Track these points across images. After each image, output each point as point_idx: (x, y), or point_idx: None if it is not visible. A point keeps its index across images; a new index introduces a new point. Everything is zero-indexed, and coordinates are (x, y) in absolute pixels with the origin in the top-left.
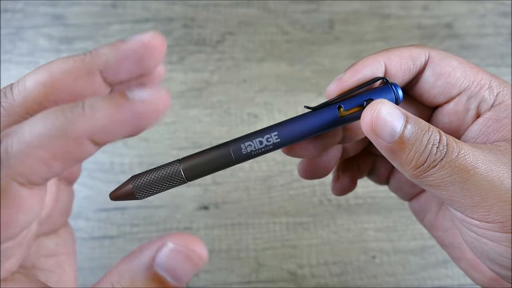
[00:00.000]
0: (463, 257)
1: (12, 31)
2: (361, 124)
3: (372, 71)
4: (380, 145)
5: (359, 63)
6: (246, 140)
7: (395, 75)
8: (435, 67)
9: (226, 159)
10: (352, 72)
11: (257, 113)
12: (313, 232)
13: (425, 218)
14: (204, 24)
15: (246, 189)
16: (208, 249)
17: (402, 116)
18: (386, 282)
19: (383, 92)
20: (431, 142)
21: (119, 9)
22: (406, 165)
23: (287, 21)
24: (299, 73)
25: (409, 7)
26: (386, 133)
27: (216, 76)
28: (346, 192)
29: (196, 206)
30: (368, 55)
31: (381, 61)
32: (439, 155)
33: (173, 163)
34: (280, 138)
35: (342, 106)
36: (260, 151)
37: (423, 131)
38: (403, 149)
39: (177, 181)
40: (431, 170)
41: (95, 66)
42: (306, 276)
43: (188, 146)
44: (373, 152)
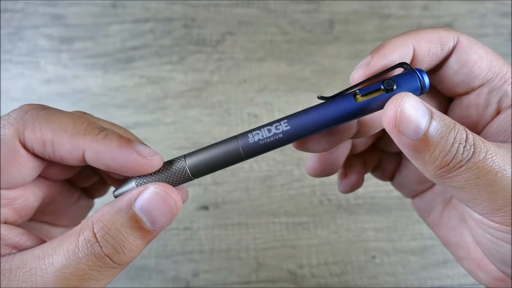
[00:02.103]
0: (468, 256)
1: (12, 31)
2: (382, 119)
3: (400, 56)
4: (403, 142)
5: (386, 47)
6: (253, 130)
7: (423, 60)
8: (462, 54)
9: (233, 151)
10: (380, 56)
11: (257, 113)
12: (313, 232)
13: (430, 216)
14: (204, 24)
15: (246, 189)
16: (208, 249)
17: (427, 112)
18: (386, 282)
19: (407, 79)
20: (457, 141)
21: (119, 9)
22: (430, 164)
23: (287, 21)
24: (299, 73)
25: (409, 7)
26: (410, 130)
27: (216, 76)
28: (354, 189)
29: (196, 206)
30: (395, 37)
31: (410, 45)
32: (466, 155)
33: (178, 159)
34: (290, 126)
35: (358, 93)
36: (269, 141)
37: (449, 129)
38: (428, 147)
39: (183, 179)
40: (456, 171)
41: None
42: (306, 276)
43: (188, 146)
44: (380, 148)
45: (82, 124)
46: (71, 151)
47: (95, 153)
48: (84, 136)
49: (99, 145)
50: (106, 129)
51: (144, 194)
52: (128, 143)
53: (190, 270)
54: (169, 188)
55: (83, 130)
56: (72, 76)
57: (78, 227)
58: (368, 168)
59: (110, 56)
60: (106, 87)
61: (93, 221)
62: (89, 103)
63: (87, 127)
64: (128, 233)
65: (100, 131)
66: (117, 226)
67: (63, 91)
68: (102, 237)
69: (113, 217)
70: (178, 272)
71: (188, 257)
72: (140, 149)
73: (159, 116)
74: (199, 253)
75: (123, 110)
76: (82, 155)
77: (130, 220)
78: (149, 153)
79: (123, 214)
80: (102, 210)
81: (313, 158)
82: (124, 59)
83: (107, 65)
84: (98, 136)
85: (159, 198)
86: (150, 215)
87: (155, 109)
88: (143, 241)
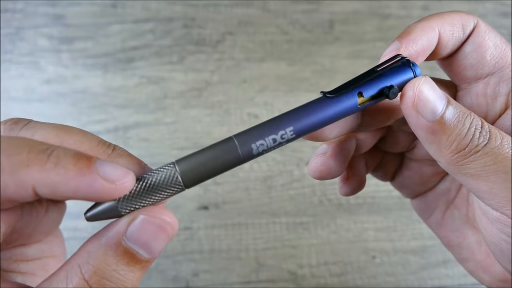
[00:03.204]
0: (472, 258)
1: (12, 31)
2: (401, 101)
3: (428, 40)
4: (420, 123)
5: (415, 31)
6: (256, 139)
7: (447, 44)
8: (477, 37)
9: (234, 159)
10: (410, 42)
11: (257, 113)
12: (313, 232)
13: (431, 217)
14: (204, 24)
15: (246, 189)
16: (208, 249)
17: (444, 97)
18: (386, 282)
19: (401, 72)
20: (473, 126)
21: (119, 9)
22: (446, 148)
23: (287, 21)
24: (299, 73)
25: (409, 7)
26: (428, 111)
27: (216, 76)
28: (356, 191)
29: (196, 206)
30: (420, 21)
31: (436, 28)
32: (482, 140)
33: (166, 168)
34: (295, 134)
35: (362, 94)
36: (271, 149)
37: (466, 114)
38: (444, 130)
39: (173, 190)
40: (472, 156)
41: None
42: (306, 276)
43: (188, 146)
44: (382, 148)
45: (21, 153)
46: (18, 191)
47: (49, 187)
48: (28, 168)
49: (51, 176)
50: (56, 151)
51: (135, 224)
52: (88, 167)
53: (190, 270)
54: (161, 211)
55: (25, 161)
56: (72, 76)
57: (61, 273)
58: (370, 168)
59: (110, 56)
60: (106, 87)
61: (80, 265)
62: (89, 103)
63: (29, 155)
64: (125, 270)
65: (48, 156)
66: (111, 266)
67: (63, 91)
68: (97, 284)
69: (104, 257)
70: (178, 272)
71: (188, 257)
72: (106, 171)
73: (159, 116)
74: (199, 253)
75: (123, 110)
76: (33, 191)
77: (124, 257)
78: (118, 176)
79: (115, 251)
80: (87, 250)
81: (317, 160)
82: (124, 59)
83: (107, 65)
84: (47, 165)
85: (153, 227)
86: (146, 246)
87: (155, 109)
88: (142, 272)
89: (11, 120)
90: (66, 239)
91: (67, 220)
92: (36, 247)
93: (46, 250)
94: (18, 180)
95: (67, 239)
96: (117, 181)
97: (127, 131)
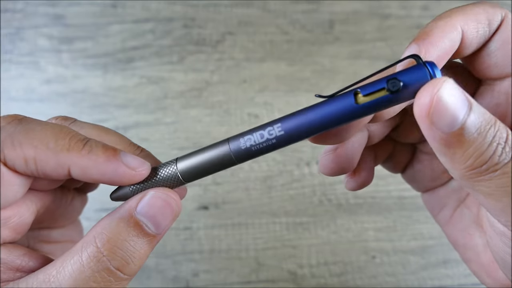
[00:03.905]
0: (476, 260)
1: (12, 31)
2: (414, 106)
3: (450, 41)
4: (433, 135)
5: (434, 33)
6: (245, 134)
7: (471, 43)
8: (504, 32)
9: (225, 156)
10: (430, 45)
11: (257, 113)
12: (313, 232)
13: (440, 213)
14: (204, 24)
15: (246, 189)
16: (208, 249)
17: (467, 102)
18: (386, 282)
19: (415, 74)
20: (496, 140)
21: (119, 9)
22: (460, 163)
23: (287, 21)
24: (299, 73)
25: (409, 7)
26: (445, 122)
27: (216, 76)
28: (363, 186)
29: (196, 206)
30: (440, 19)
31: (459, 27)
32: (503, 158)
33: (169, 164)
34: (284, 131)
35: (359, 92)
36: (262, 146)
37: (489, 125)
38: (461, 143)
39: (175, 183)
40: (489, 174)
41: None
42: (306, 276)
43: (188, 146)
44: (394, 138)
45: (64, 138)
46: (56, 168)
47: (81, 169)
48: (68, 152)
49: (84, 161)
50: (90, 141)
51: (144, 199)
52: (114, 156)
53: (190, 270)
54: (167, 190)
55: (67, 145)
56: (72, 76)
57: (78, 244)
58: (379, 160)
59: (110, 56)
60: (106, 87)
61: (95, 236)
62: (89, 103)
63: (70, 141)
64: (135, 241)
65: (83, 144)
66: (122, 236)
67: (63, 91)
68: (109, 251)
69: (117, 228)
70: (178, 272)
71: (188, 257)
72: (128, 160)
73: (159, 116)
74: (199, 253)
75: (123, 110)
76: (67, 171)
77: (135, 228)
78: (137, 164)
79: (126, 222)
80: (102, 223)
81: (328, 157)
82: (124, 59)
83: (107, 65)
84: (82, 151)
85: (161, 201)
86: (153, 219)
87: (155, 109)
88: (149, 247)
89: (61, 117)
90: None
91: None
92: (59, 231)
93: (67, 235)
94: (58, 160)
95: None
96: (136, 168)
97: (127, 131)
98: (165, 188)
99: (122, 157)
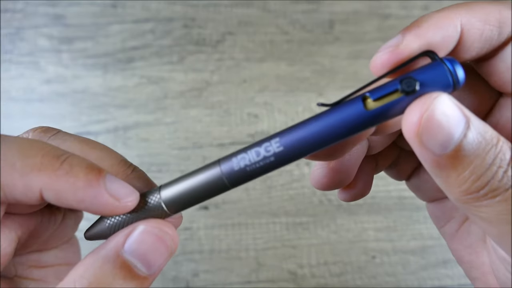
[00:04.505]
0: (482, 279)
1: (12, 31)
2: (402, 123)
3: (443, 37)
4: (424, 156)
5: (425, 24)
6: (238, 153)
7: (471, 46)
8: None
9: (216, 180)
10: (414, 36)
11: (257, 113)
12: (313, 232)
13: (446, 226)
14: (204, 24)
15: (246, 189)
16: (208, 249)
17: (464, 119)
18: (386, 282)
19: (434, 73)
20: (497, 164)
21: (119, 9)
22: (455, 187)
23: (287, 21)
24: (299, 73)
25: (409, 7)
26: (437, 142)
27: (216, 76)
28: (358, 198)
29: (196, 206)
30: (438, 11)
31: (458, 24)
32: (505, 183)
33: (151, 192)
34: (283, 146)
35: (368, 96)
36: (258, 166)
37: (489, 145)
38: (456, 166)
39: (159, 214)
40: (487, 200)
41: None
42: (306, 276)
43: (188, 146)
44: (398, 145)
45: (35, 156)
46: (25, 192)
47: (55, 193)
48: (39, 172)
49: (59, 183)
50: (70, 158)
51: (133, 235)
52: (97, 179)
53: (190, 270)
54: (160, 222)
55: (38, 164)
56: (72, 76)
57: None
58: (382, 167)
59: (110, 56)
60: (106, 87)
61: (75, 280)
62: (89, 103)
63: (43, 159)
64: (122, 285)
65: (61, 163)
66: (107, 280)
67: (63, 91)
68: None
69: (100, 271)
70: (178, 272)
71: (188, 257)
72: (113, 187)
73: (159, 116)
74: (199, 253)
75: (123, 110)
76: (39, 195)
77: (121, 270)
78: (123, 194)
79: (112, 264)
80: (85, 264)
81: (321, 171)
82: (124, 59)
83: (107, 65)
84: (58, 172)
85: (153, 237)
86: (144, 259)
87: (155, 109)
88: None
89: (41, 128)
90: None
91: None
92: (51, 253)
93: (61, 257)
94: (27, 183)
95: None
96: (121, 199)
97: (127, 131)
98: (157, 220)
99: (107, 182)
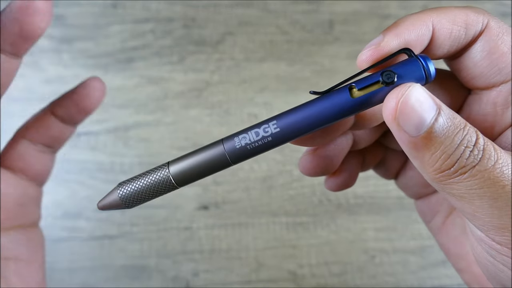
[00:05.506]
0: (468, 269)
1: None
2: (383, 110)
3: (417, 36)
4: (402, 138)
5: (402, 24)
6: (240, 133)
7: (442, 44)
8: (488, 42)
9: (219, 157)
10: (393, 35)
11: (257, 113)
12: (313, 232)
13: (432, 221)
14: (204, 24)
15: (246, 189)
16: (208, 249)
17: (434, 106)
18: (386, 282)
19: (409, 67)
20: (464, 144)
21: (119, 9)
22: (429, 166)
23: (287, 21)
24: (299, 73)
25: (409, 7)
26: (412, 125)
27: (216, 76)
28: (342, 188)
29: (196, 206)
30: (413, 14)
31: (429, 24)
32: (471, 161)
33: (160, 167)
34: (280, 128)
35: (354, 86)
36: (257, 145)
37: (457, 129)
38: (429, 146)
39: (167, 187)
40: (458, 177)
41: None
42: (306, 276)
43: (188, 146)
44: (384, 144)
45: None
46: None
47: None
48: None
49: None
50: None
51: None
52: None
53: (190, 270)
54: None
55: None
56: (72, 76)
57: None
58: (370, 165)
59: (110, 57)
60: (107, 87)
61: None
62: None
63: None
64: None
65: None
66: None
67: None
68: None
69: None
70: (178, 272)
71: (188, 257)
72: None
73: (159, 116)
74: (199, 253)
75: (124, 110)
76: None
77: None
78: None
79: None
80: None
81: (307, 157)
82: (124, 59)
83: (108, 65)
84: None
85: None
86: None
87: (155, 109)
88: None
89: None
90: (66, 239)
91: (67, 220)
92: (13, 237)
93: (22, 246)
94: None
95: (67, 239)
96: None
97: (127, 131)
98: None
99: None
